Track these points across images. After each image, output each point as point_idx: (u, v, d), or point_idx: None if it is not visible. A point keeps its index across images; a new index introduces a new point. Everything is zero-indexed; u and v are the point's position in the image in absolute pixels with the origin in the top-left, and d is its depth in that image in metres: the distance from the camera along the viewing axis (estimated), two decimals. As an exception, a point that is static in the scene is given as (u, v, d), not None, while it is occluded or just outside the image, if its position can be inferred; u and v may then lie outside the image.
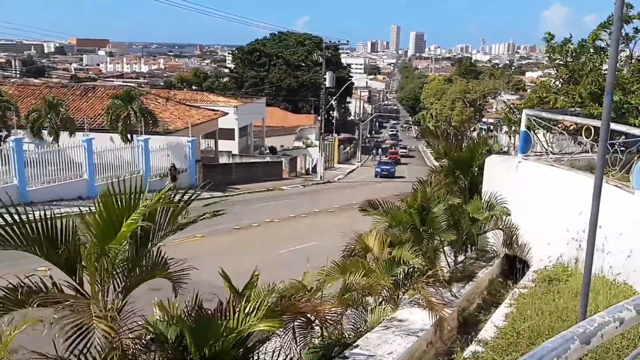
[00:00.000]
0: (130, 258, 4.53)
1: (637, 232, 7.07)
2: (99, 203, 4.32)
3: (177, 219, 4.79)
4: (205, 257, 15.45)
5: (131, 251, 4.57)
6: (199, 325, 4.18)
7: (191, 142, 30.61)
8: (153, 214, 4.63)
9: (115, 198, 4.43)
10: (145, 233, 4.66)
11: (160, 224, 4.80)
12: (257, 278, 5.08)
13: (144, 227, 4.48)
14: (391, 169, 49.43)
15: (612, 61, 4.95)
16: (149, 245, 4.72)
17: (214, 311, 4.40)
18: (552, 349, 1.91)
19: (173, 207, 4.70)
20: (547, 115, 9.40)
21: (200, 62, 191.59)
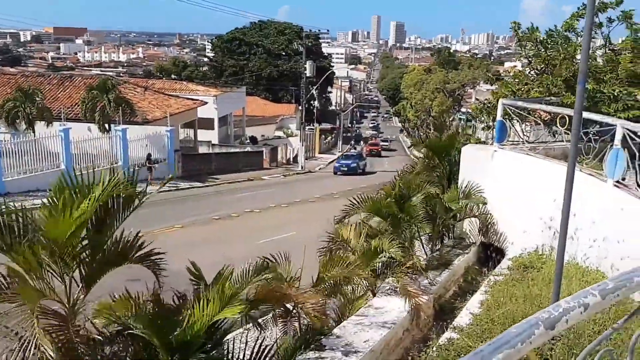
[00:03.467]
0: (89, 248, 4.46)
1: (609, 220, 7.19)
2: (52, 194, 4.25)
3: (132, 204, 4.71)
4: (183, 248, 15.35)
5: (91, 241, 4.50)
6: (160, 315, 4.15)
7: (170, 131, 30.32)
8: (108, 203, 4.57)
9: (70, 189, 4.35)
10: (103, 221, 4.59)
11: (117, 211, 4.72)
12: (229, 268, 5.03)
13: (101, 216, 4.42)
14: (352, 164, 41.07)
15: (585, 50, 5.01)
16: (108, 234, 4.65)
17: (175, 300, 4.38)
18: (517, 334, 1.92)
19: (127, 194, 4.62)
20: (523, 104, 9.49)
21: (179, 51, 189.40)
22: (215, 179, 32.73)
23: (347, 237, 7.70)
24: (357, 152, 49.66)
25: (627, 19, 12.07)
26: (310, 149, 54.37)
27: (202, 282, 5.01)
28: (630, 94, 11.27)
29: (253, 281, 4.85)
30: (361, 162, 42.60)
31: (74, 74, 42.25)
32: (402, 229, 8.49)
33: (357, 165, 41.14)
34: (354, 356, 5.91)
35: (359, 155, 45.94)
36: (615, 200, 7.15)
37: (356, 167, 40.81)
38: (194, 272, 5.07)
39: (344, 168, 40.21)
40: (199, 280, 5.05)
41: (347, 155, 46.44)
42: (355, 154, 47.95)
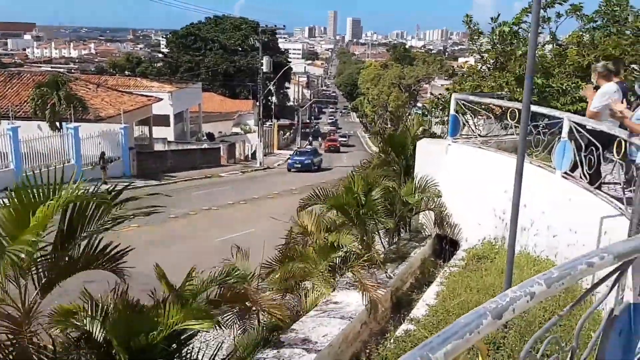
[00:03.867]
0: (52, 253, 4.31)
1: (558, 210, 7.42)
2: (11, 196, 4.08)
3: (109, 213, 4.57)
4: (140, 248, 14.99)
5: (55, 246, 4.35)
6: (122, 319, 4.05)
7: (124, 129, 29.67)
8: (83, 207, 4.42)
9: (31, 190, 4.19)
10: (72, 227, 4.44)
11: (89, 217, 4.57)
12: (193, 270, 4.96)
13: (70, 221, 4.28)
14: (306, 161, 39.76)
15: (532, 46, 5.14)
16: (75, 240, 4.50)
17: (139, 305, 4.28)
18: (465, 324, 1.94)
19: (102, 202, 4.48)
20: (474, 99, 9.70)
21: (133, 47, 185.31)
22: (171, 176, 32.20)
23: (308, 227, 7.70)
24: (311, 149, 47.79)
25: (576, 12, 12.44)
26: (269, 145, 54.14)
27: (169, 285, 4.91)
28: (578, 87, 11.64)
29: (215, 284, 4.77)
30: (316, 159, 41.58)
31: (23, 71, 40.68)
32: (362, 223, 8.54)
33: (311, 161, 39.97)
34: (312, 351, 5.93)
35: (313, 152, 44.31)
36: (563, 191, 7.38)
37: (310, 163, 39.62)
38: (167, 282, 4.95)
39: (297, 165, 39.26)
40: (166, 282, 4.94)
41: (301, 152, 44.70)
42: (309, 150, 46.12)
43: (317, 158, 42.25)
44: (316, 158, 41.81)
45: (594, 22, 12.57)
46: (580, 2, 12.34)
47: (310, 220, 7.86)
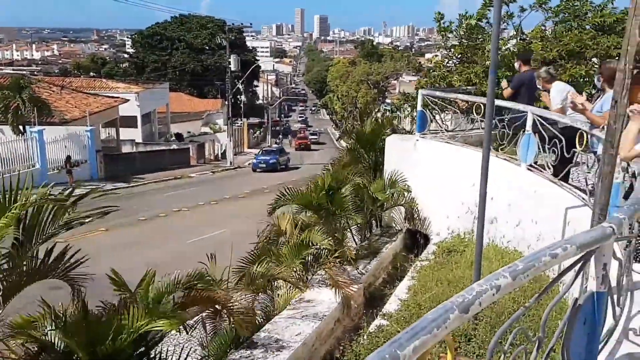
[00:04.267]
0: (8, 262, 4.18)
1: (524, 202, 7.56)
2: None
3: (63, 217, 4.46)
4: (109, 252, 14.81)
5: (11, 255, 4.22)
6: (85, 327, 3.96)
7: (90, 131, 29.13)
8: (37, 212, 4.31)
9: None
10: (27, 234, 4.32)
11: (44, 223, 4.46)
12: (153, 273, 4.88)
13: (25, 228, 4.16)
14: (271, 160, 38.66)
15: (494, 40, 5.21)
16: (31, 248, 4.38)
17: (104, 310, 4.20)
18: (433, 319, 1.95)
19: (58, 205, 4.37)
20: (441, 94, 9.81)
21: (97, 48, 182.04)
22: (140, 178, 31.75)
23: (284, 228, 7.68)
24: (277, 147, 46.56)
25: (541, 5, 12.66)
26: (239, 144, 53.82)
27: (126, 290, 4.82)
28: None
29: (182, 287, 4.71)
30: (282, 158, 40.58)
31: (-18, 74, 39.57)
32: (332, 220, 8.56)
33: (276, 161, 38.90)
34: (286, 350, 5.92)
35: (279, 150, 43.14)
36: (529, 183, 7.52)
37: (276, 163, 38.61)
38: (116, 280, 4.86)
39: (262, 165, 38.12)
40: (122, 288, 4.85)
41: (266, 151, 43.22)
42: (275, 149, 44.90)
43: (284, 157, 41.41)
44: (282, 157, 40.84)
45: (558, 15, 12.82)
46: None
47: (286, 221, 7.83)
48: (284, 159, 41.08)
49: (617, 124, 3.94)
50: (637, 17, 3.77)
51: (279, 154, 40.84)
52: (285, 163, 40.86)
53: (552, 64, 12.02)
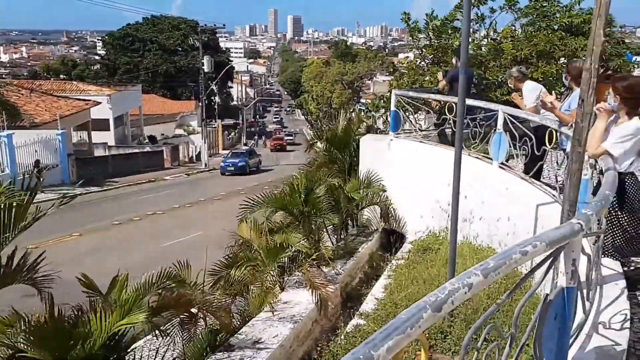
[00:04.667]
0: None
1: (497, 200, 7.66)
2: None
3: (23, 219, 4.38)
4: (82, 257, 14.61)
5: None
6: (55, 332, 3.90)
7: (61, 135, 28.63)
8: None
9: None
10: None
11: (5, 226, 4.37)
12: (126, 276, 4.83)
13: None
14: (240, 163, 37.10)
15: (464, 41, 5.28)
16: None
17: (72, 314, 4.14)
18: (406, 319, 1.97)
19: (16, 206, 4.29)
20: (414, 94, 9.90)
21: (67, 50, 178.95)
22: (114, 182, 31.33)
23: (248, 236, 7.64)
24: (247, 149, 44.38)
25: (511, 7, 12.86)
26: (214, 146, 53.46)
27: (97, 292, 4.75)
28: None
29: (155, 289, 4.66)
30: (252, 160, 39.13)
31: (-53, 77, 38.62)
32: (307, 222, 8.56)
33: (245, 164, 37.33)
34: (264, 352, 5.91)
35: (249, 152, 41.24)
36: (500, 181, 7.63)
37: (245, 165, 37.04)
38: (86, 283, 4.78)
39: (230, 168, 36.66)
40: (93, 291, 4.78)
41: (235, 153, 40.99)
42: (244, 150, 42.62)
43: (254, 159, 40.14)
44: (252, 159, 39.58)
45: (527, 17, 13.05)
46: None
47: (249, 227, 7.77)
48: (255, 161, 39.98)
49: (583, 122, 4.03)
50: (601, 17, 3.86)
51: (249, 156, 39.41)
52: (256, 165, 39.78)
53: (522, 63, 12.25)
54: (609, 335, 3.53)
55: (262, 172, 38.71)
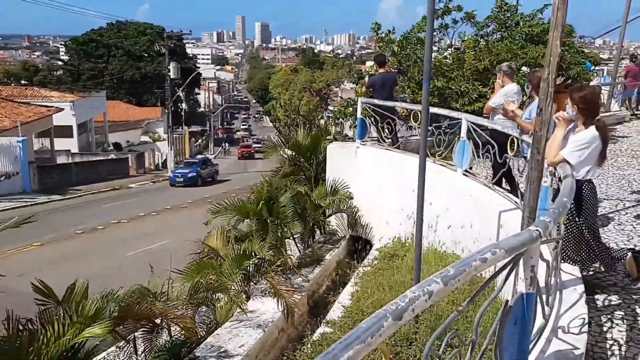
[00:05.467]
0: None
1: (461, 206, 7.77)
2: None
3: None
4: (43, 267, 14.23)
5: None
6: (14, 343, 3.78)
7: (22, 142, 27.94)
8: None
9: None
10: None
11: None
12: (85, 286, 4.71)
13: None
14: (190, 174, 34.70)
15: (428, 52, 5.35)
16: None
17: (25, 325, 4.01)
18: (367, 328, 1.97)
19: None
20: (380, 102, 9.98)
21: (29, 54, 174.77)
22: (77, 190, 30.70)
23: (215, 246, 7.56)
24: (200, 159, 41.16)
25: (470, 19, 13.13)
26: (180, 153, 52.80)
27: (54, 301, 4.61)
28: (476, 88, 12.30)
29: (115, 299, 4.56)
30: (205, 170, 37.04)
31: None
32: (271, 230, 8.52)
33: (197, 174, 35.00)
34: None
35: (202, 162, 38.72)
36: (464, 188, 7.74)
37: (195, 177, 34.69)
38: (41, 290, 4.65)
39: (179, 179, 34.34)
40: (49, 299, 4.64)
41: (187, 163, 38.59)
42: (197, 160, 39.76)
43: (208, 170, 37.87)
44: (206, 169, 37.45)
45: (487, 27, 13.33)
46: (473, 10, 13.06)
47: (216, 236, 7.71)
48: (209, 171, 38.05)
49: (542, 131, 4.12)
50: (558, 29, 3.96)
51: (202, 166, 37.22)
52: (211, 176, 38.03)
53: (483, 73, 12.51)
54: (568, 339, 3.60)
55: (218, 182, 37.25)
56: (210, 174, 37.97)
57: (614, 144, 11.78)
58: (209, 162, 40.23)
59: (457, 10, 12.80)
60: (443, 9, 12.60)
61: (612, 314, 4.46)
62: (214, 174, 38.85)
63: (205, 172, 36.76)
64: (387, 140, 10.13)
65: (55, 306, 4.46)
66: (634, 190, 8.27)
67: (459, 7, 12.70)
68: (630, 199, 7.85)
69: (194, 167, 35.96)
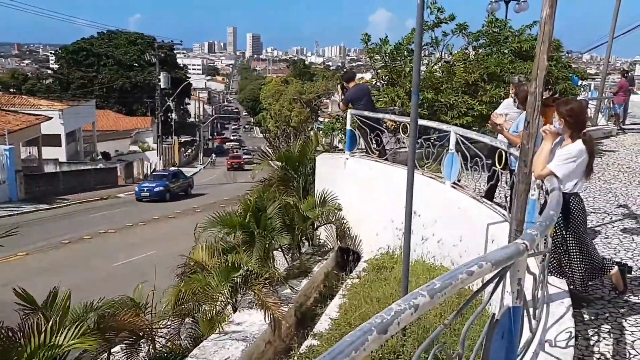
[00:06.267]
0: None
1: (449, 219, 7.77)
2: None
3: None
4: (28, 277, 14.04)
5: None
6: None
7: (9, 150, 27.74)
8: None
9: None
10: None
11: None
12: (67, 295, 4.64)
13: None
14: (157, 188, 32.15)
15: (417, 64, 5.37)
16: None
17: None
18: (351, 342, 1.94)
19: None
20: (369, 114, 10.01)
21: (19, 63, 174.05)
22: (64, 199, 30.43)
23: (200, 259, 7.50)
24: (172, 171, 38.05)
25: (462, 31, 13.21)
26: (170, 163, 52.60)
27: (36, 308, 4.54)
28: (465, 101, 12.36)
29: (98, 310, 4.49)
30: (175, 184, 34.44)
31: None
32: (259, 241, 8.47)
33: (164, 188, 32.46)
34: (214, 376, 5.76)
35: (173, 175, 35.81)
36: (453, 200, 7.74)
37: (162, 191, 32.20)
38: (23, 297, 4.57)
39: (145, 193, 31.82)
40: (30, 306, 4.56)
41: (156, 175, 36.01)
42: (167, 173, 36.78)
43: (179, 183, 35.27)
44: (176, 183, 34.78)
45: (478, 40, 13.42)
46: (465, 22, 13.14)
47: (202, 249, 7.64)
48: (180, 185, 35.43)
49: (529, 144, 4.13)
50: (544, 43, 3.99)
51: (171, 180, 34.42)
52: (184, 189, 35.85)
53: (472, 86, 12.59)
54: (555, 353, 3.59)
55: (192, 197, 35.32)
56: (182, 187, 35.78)
57: (601, 157, 11.88)
58: (181, 175, 37.61)
59: (450, 20, 12.85)
60: (434, 22, 12.66)
61: (599, 328, 4.46)
62: (187, 188, 36.65)
63: (175, 186, 34.38)
64: (375, 152, 10.14)
65: (36, 316, 4.38)
66: (620, 204, 8.33)
67: (452, 16, 12.75)
68: (617, 212, 7.90)
69: (162, 181, 33.50)
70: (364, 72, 17.92)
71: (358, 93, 10.58)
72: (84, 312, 4.56)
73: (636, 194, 8.98)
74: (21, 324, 4.20)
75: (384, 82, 13.44)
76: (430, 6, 12.38)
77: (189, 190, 36.54)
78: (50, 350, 3.79)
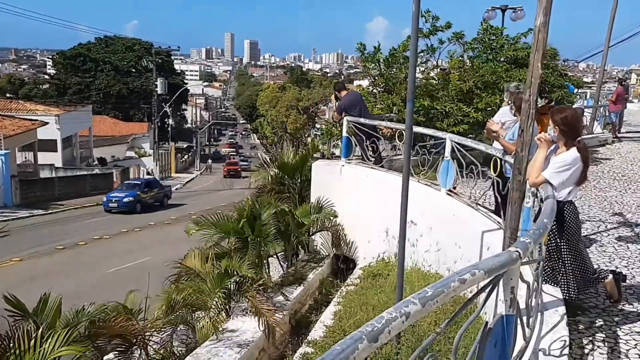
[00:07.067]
0: None
1: (444, 226, 7.76)
2: None
3: None
4: (22, 283, 13.96)
5: None
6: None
7: (4, 155, 27.71)
8: None
9: None
10: None
11: None
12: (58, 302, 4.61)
13: None
14: (126, 198, 29.53)
15: (412, 72, 5.37)
16: None
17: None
18: (341, 351, 1.92)
19: None
20: (365, 121, 10.02)
21: (16, 68, 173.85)
22: (59, 205, 30.36)
23: (193, 266, 7.46)
24: (144, 180, 35.93)
25: (458, 39, 13.27)
26: (166, 169, 52.56)
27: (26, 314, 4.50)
28: (460, 109, 12.39)
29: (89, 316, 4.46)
30: (148, 195, 31.76)
31: None
32: (253, 248, 8.43)
33: (134, 199, 29.85)
34: (207, 383, 5.71)
35: (146, 184, 33.14)
36: (448, 208, 7.74)
37: (131, 202, 29.59)
38: (14, 304, 4.53)
39: (112, 204, 29.16)
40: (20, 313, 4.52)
41: (128, 185, 33.24)
42: (140, 182, 34.09)
43: (152, 193, 32.48)
44: (149, 194, 32.07)
45: (473, 49, 13.48)
46: (461, 30, 13.21)
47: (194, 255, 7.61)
48: (154, 195, 32.77)
49: (523, 152, 4.13)
50: (539, 52, 4.00)
51: (143, 189, 31.71)
52: (159, 199, 33.27)
53: (468, 94, 12.63)
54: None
55: (169, 207, 32.94)
56: (157, 197, 33.13)
57: (596, 165, 11.90)
58: (156, 185, 34.87)
59: (446, 28, 12.90)
60: (430, 29, 12.71)
61: (594, 336, 4.44)
62: (163, 198, 34.00)
63: (148, 196, 31.62)
64: (371, 159, 10.14)
65: (27, 323, 4.35)
66: (615, 212, 8.33)
67: (447, 24, 12.80)
68: (612, 220, 7.90)
69: (132, 191, 30.76)
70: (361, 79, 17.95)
71: (351, 101, 10.64)
72: (74, 318, 4.51)
73: (631, 202, 8.99)
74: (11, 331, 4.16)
75: (380, 89, 13.47)
76: (425, 15, 12.44)
77: (165, 200, 34.07)
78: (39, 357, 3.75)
